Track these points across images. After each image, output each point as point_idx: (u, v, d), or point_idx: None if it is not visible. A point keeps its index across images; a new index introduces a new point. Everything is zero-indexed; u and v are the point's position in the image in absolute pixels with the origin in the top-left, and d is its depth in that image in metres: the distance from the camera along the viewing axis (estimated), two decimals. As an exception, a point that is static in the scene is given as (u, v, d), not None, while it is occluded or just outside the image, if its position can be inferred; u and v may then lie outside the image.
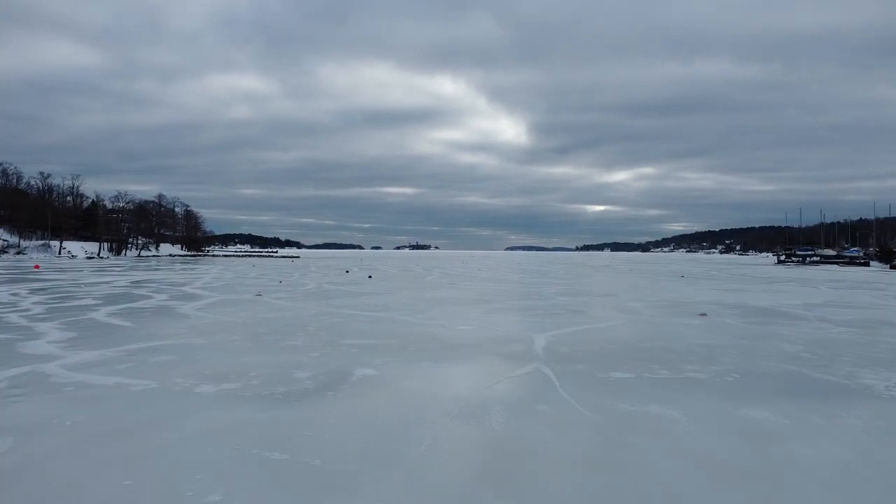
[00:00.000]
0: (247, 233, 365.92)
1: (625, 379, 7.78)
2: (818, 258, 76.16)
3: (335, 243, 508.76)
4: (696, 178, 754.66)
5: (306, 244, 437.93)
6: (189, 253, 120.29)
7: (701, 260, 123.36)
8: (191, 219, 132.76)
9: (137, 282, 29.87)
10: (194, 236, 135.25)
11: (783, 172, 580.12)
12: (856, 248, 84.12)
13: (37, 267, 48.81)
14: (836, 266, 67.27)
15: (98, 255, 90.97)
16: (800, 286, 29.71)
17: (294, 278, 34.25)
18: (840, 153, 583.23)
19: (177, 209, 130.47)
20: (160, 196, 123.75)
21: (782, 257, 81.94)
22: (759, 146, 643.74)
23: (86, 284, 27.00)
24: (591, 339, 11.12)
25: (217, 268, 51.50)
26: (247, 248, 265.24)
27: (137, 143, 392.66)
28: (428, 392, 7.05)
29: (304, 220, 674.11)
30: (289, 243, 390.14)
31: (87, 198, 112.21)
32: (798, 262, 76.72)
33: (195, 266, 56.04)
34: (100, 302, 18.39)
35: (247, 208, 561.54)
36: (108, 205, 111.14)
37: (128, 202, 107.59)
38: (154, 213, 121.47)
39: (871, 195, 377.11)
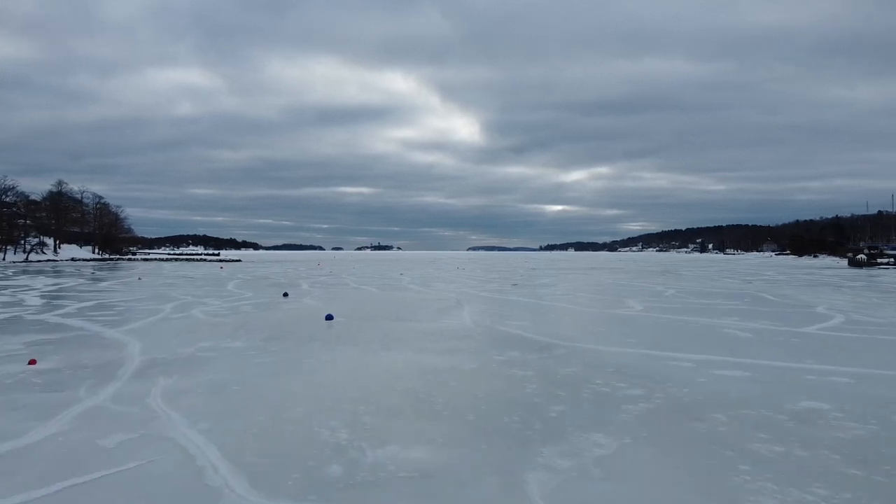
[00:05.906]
0: (202, 234, 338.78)
1: None
2: None
3: (295, 244, 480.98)
4: (652, 178, 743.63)
5: (265, 245, 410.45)
6: (99, 256, 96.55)
7: (716, 260, 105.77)
8: (105, 214, 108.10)
9: None
10: (114, 235, 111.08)
11: (738, 172, 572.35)
12: None
13: None
14: None
15: (-43, 260, 67.54)
16: None
17: (141, 325, 13.83)
18: (793, 153, 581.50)
19: (86, 202, 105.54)
20: (60, 183, 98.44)
21: (861, 257, 63.82)
22: (713, 146, 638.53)
23: None
24: None
25: (53, 284, 30.37)
26: (199, 249, 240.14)
27: (79, 140, 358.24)
28: None
29: (263, 220, 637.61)
30: (245, 244, 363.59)
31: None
32: (893, 264, 59.27)
33: (32, 282, 34.83)
34: None
35: (201, 209, 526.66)
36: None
37: (6, 189, 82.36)
38: (58, 206, 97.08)
39: (820, 195, 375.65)
